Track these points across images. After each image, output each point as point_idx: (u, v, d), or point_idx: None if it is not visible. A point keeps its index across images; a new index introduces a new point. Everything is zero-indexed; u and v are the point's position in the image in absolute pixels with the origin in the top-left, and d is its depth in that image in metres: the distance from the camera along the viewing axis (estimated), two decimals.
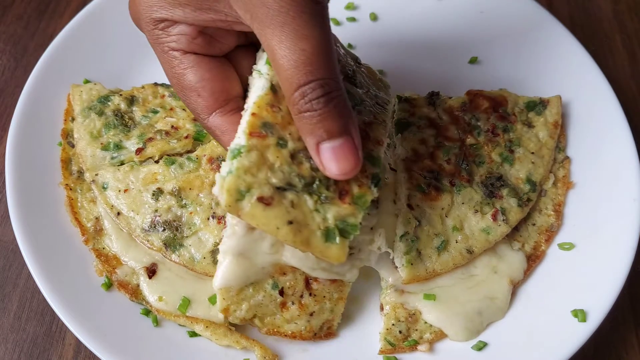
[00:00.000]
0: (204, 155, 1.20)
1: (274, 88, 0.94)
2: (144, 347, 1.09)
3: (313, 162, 0.92)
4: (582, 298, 1.14)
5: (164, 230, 1.15)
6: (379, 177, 0.97)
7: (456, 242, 1.16)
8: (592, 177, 1.27)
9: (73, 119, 1.27)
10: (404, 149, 1.22)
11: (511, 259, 1.19)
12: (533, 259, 1.21)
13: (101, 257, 1.17)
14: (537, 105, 1.32)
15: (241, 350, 1.11)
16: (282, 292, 1.09)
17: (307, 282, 1.10)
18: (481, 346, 1.11)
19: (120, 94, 1.29)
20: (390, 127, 1.29)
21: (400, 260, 1.12)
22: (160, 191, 1.17)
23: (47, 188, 1.22)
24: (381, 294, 1.17)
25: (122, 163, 1.21)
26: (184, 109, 1.27)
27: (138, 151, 1.21)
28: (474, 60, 1.45)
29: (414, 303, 1.14)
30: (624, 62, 1.58)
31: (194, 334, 1.12)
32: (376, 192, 0.96)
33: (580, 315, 1.11)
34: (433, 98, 1.30)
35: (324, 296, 1.11)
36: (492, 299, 1.14)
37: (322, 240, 0.91)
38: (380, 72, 1.42)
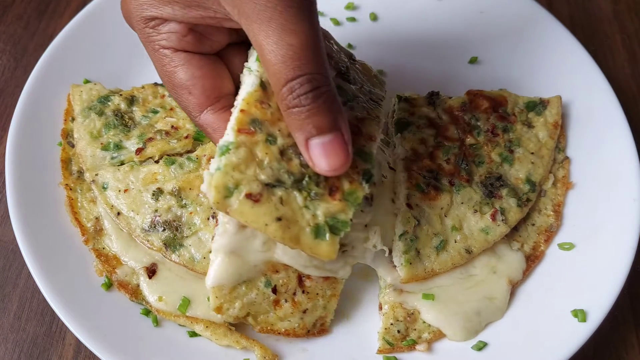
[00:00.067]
0: (204, 155, 1.20)
1: (264, 84, 0.93)
2: (144, 347, 1.09)
3: (303, 159, 0.91)
4: (582, 298, 1.14)
5: (164, 230, 1.15)
6: (370, 173, 0.96)
7: (455, 242, 1.16)
8: (592, 177, 1.27)
9: (73, 119, 1.27)
10: (403, 148, 1.22)
11: (510, 259, 1.19)
12: (532, 259, 1.20)
13: (101, 257, 1.17)
14: (537, 105, 1.31)
15: (241, 350, 1.11)
16: (275, 290, 1.09)
17: (300, 280, 1.10)
18: (481, 346, 1.11)
19: (120, 94, 1.29)
20: (390, 127, 1.29)
21: (399, 259, 1.12)
22: (160, 191, 1.17)
23: (47, 188, 1.22)
24: (380, 293, 1.17)
25: (122, 163, 1.21)
26: None
27: (138, 151, 1.21)
28: (474, 60, 1.45)
29: (413, 303, 1.14)
30: (624, 62, 1.58)
31: (194, 334, 1.12)
32: (367, 188, 0.94)
33: (580, 315, 1.11)
34: (433, 98, 1.30)
35: (317, 293, 1.11)
36: (491, 299, 1.14)
37: (311, 237, 0.91)
38: (380, 72, 1.43)
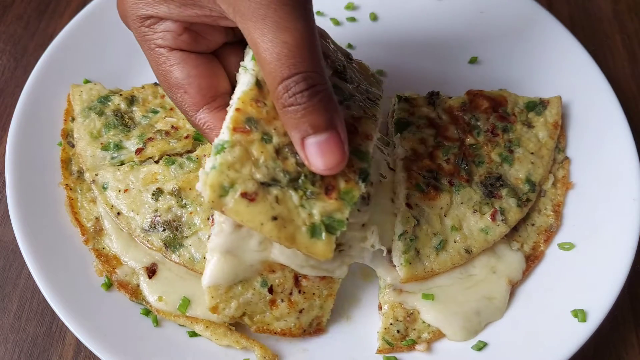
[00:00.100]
0: (204, 155, 1.20)
1: (259, 83, 0.93)
2: (144, 347, 1.09)
3: (299, 157, 0.91)
4: (582, 298, 1.14)
5: (164, 230, 1.15)
6: (367, 172, 0.95)
7: (455, 242, 1.16)
8: (592, 177, 1.27)
9: (73, 119, 1.27)
10: (403, 148, 1.22)
11: (510, 259, 1.18)
12: (532, 259, 1.20)
13: (101, 257, 1.17)
14: (537, 105, 1.31)
15: (241, 350, 1.11)
16: (271, 290, 1.08)
17: (297, 280, 1.09)
18: (481, 346, 1.11)
19: (120, 94, 1.29)
20: (390, 127, 1.29)
21: (398, 259, 1.12)
22: (160, 191, 1.17)
23: (47, 188, 1.22)
24: (379, 293, 1.17)
25: (122, 163, 1.21)
26: None
27: (138, 151, 1.21)
28: (474, 60, 1.45)
29: (413, 302, 1.14)
30: (624, 62, 1.58)
31: (194, 334, 1.12)
32: (364, 187, 0.94)
33: (580, 315, 1.11)
34: (433, 98, 1.30)
35: (314, 293, 1.10)
36: (491, 299, 1.14)
37: (307, 236, 0.90)
38: (380, 72, 1.43)
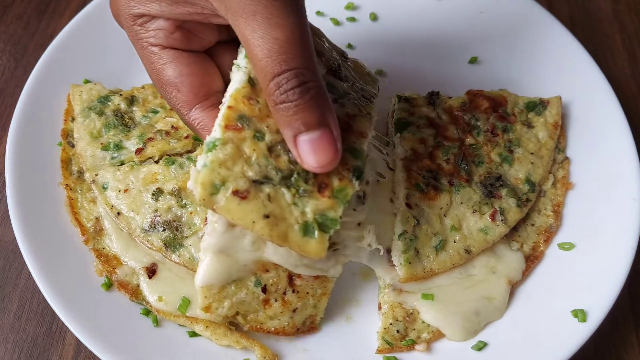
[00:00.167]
0: None
1: (252, 81, 0.92)
2: (144, 347, 1.09)
3: (291, 155, 0.90)
4: (582, 298, 1.14)
5: (164, 230, 1.15)
6: (361, 170, 0.94)
7: (454, 242, 1.16)
8: (592, 177, 1.27)
9: (73, 119, 1.27)
10: (403, 148, 1.22)
11: (509, 259, 1.18)
12: (532, 260, 1.20)
13: (101, 257, 1.17)
14: (537, 105, 1.31)
15: (241, 350, 1.10)
16: (264, 289, 1.08)
17: (290, 279, 1.09)
18: (481, 346, 1.11)
19: (120, 94, 1.29)
20: (390, 126, 1.29)
21: (398, 259, 1.12)
22: (160, 191, 1.17)
23: (47, 188, 1.22)
24: (379, 293, 1.17)
25: (122, 163, 1.21)
26: None
27: (138, 151, 1.21)
28: (473, 60, 1.45)
29: (412, 302, 1.14)
30: (624, 62, 1.58)
31: (194, 334, 1.12)
32: (358, 185, 0.93)
33: (580, 315, 1.11)
34: (433, 98, 1.30)
35: (307, 292, 1.10)
36: (490, 299, 1.14)
37: (300, 235, 0.89)
38: (380, 72, 1.43)
